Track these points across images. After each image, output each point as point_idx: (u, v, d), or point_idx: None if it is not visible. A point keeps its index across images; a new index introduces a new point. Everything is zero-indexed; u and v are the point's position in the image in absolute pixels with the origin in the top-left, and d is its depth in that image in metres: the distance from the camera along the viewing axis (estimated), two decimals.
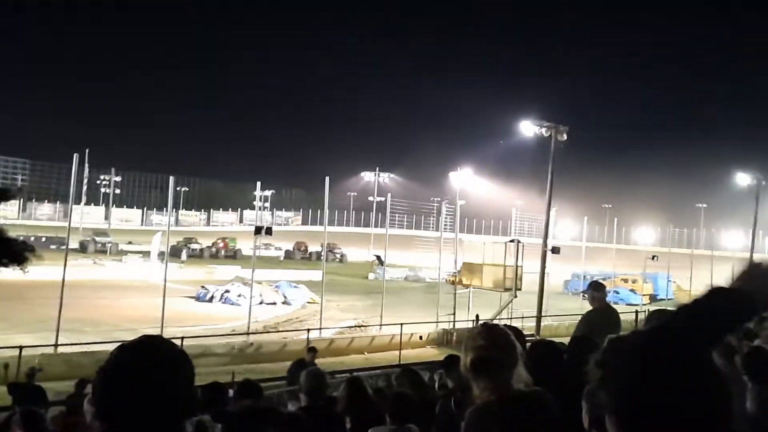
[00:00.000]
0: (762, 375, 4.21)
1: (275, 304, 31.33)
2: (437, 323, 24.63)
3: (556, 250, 26.20)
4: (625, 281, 43.32)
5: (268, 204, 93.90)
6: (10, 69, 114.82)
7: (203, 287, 32.68)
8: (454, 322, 24.74)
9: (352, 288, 39.27)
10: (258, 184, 27.30)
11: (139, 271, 39.04)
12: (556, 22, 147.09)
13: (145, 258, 44.22)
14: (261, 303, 30.65)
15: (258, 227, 23.57)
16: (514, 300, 25.12)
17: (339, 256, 68.12)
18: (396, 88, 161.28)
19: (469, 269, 27.22)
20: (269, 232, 23.27)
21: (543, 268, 24.75)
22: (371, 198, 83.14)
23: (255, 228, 23.55)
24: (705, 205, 55.64)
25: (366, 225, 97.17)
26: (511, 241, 26.55)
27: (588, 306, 7.52)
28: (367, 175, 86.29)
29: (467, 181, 63.17)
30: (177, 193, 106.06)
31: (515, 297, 24.98)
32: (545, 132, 24.36)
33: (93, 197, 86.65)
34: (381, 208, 70.66)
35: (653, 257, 40.54)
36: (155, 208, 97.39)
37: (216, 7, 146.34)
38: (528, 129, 24.91)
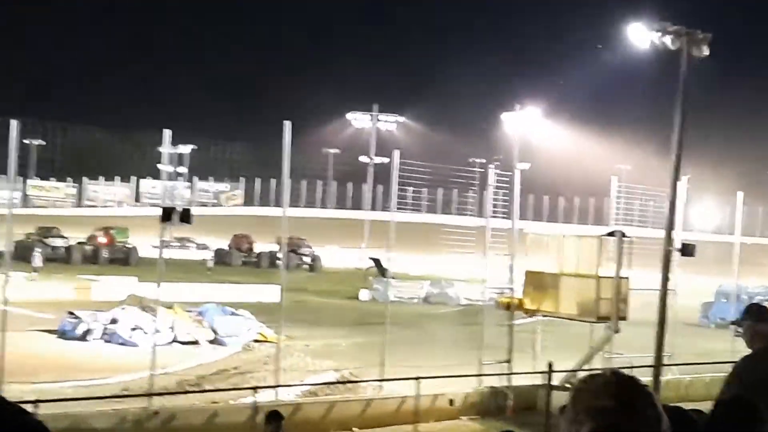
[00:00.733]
0: None
1: (198, 343, 31.39)
2: (480, 377, 24.68)
3: (688, 249, 26.07)
4: None
5: (184, 169, 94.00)
6: None
7: (72, 315, 32.77)
8: (509, 374, 24.80)
9: (331, 315, 39.41)
10: (166, 133, 27.14)
11: None
12: None
13: None
14: (173, 342, 30.62)
15: (167, 209, 23.49)
16: (614, 336, 25.15)
17: (309, 259, 68.37)
18: None
19: (537, 283, 27.21)
20: (186, 217, 23.17)
21: (665, 280, 24.77)
22: (365, 158, 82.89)
23: (162, 211, 23.45)
24: None
25: (356, 206, 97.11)
26: (610, 234, 26.52)
27: (743, 347, 7.52)
28: (359, 119, 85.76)
29: (533, 131, 62.70)
30: (25, 149, 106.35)
31: (617, 331, 25.01)
32: (671, 42, 24.25)
33: None
34: (382, 175, 70.75)
35: None
36: None
37: None
38: (640, 37, 24.86)
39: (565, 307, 26.28)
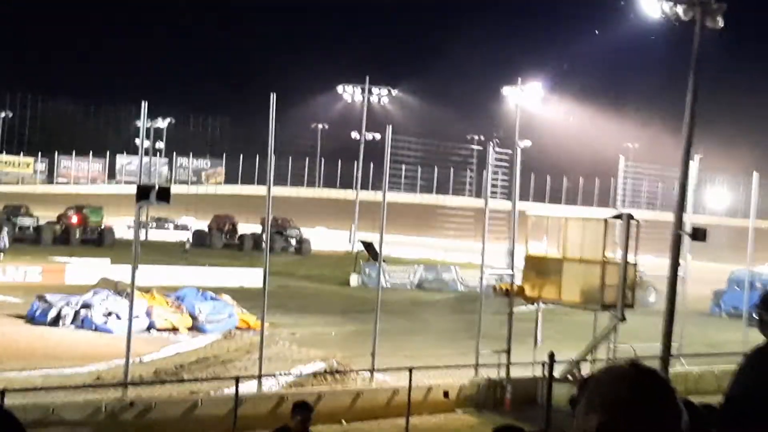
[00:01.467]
0: None
1: (176, 330, 31.44)
2: (476, 368, 24.77)
3: (699, 233, 26.12)
4: None
5: (162, 144, 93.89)
6: None
7: (41, 299, 32.75)
8: (508, 365, 24.89)
9: (319, 302, 39.45)
10: (144, 105, 27.12)
11: None
12: None
13: None
14: (150, 328, 30.63)
15: (143, 187, 23.45)
16: (619, 325, 25.22)
17: (296, 241, 68.42)
18: None
19: (538, 268, 27.25)
20: (165, 195, 23.13)
21: (675, 266, 24.83)
22: (356, 134, 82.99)
23: (137, 188, 23.41)
24: None
25: (346, 185, 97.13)
26: (617, 217, 26.56)
27: (757, 338, 7.51)
28: (350, 92, 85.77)
29: (534, 106, 62.81)
30: None
31: (623, 320, 25.07)
32: (683, 13, 24.27)
33: None
34: (374, 151, 70.74)
35: None
36: None
37: None
38: (651, 6, 24.87)
39: (568, 295, 26.32)
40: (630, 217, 26.00)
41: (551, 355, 22.10)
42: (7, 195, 71.66)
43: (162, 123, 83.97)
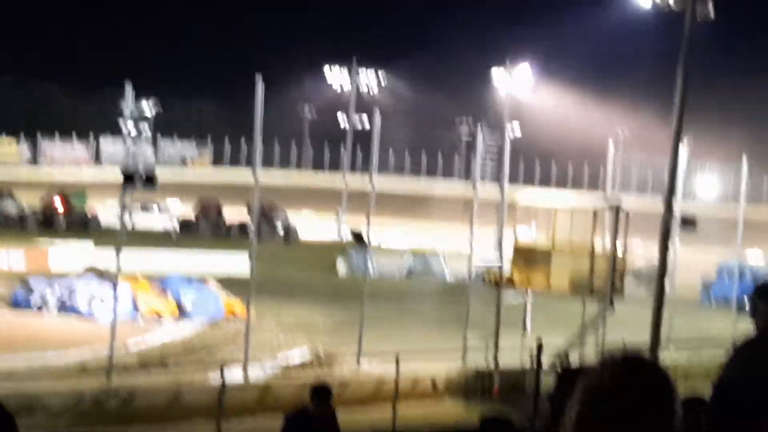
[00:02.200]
0: None
1: (161, 317, 31.49)
2: (464, 356, 24.87)
3: (689, 221, 26.27)
4: None
5: (147, 127, 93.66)
6: None
7: (24, 284, 32.72)
8: (495, 354, 24.99)
9: (306, 289, 39.44)
10: (128, 88, 27.09)
11: None
12: None
13: None
14: (135, 315, 30.62)
15: (128, 173, 23.48)
16: (608, 315, 25.35)
17: (283, 228, 68.21)
18: None
19: (527, 256, 27.40)
20: (151, 180, 23.19)
21: (664, 254, 24.94)
22: (343, 118, 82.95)
23: (122, 173, 23.44)
24: None
25: (334, 168, 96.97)
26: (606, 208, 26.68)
27: (746, 328, 7.56)
28: (337, 73, 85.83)
29: (524, 89, 62.90)
30: None
31: (612, 309, 25.21)
32: (674, 2, 24.36)
33: None
34: (362, 136, 70.72)
35: None
36: None
37: None
38: None
39: (557, 282, 26.47)
40: (618, 206, 26.16)
41: (539, 345, 22.23)
42: None
43: (147, 106, 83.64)
